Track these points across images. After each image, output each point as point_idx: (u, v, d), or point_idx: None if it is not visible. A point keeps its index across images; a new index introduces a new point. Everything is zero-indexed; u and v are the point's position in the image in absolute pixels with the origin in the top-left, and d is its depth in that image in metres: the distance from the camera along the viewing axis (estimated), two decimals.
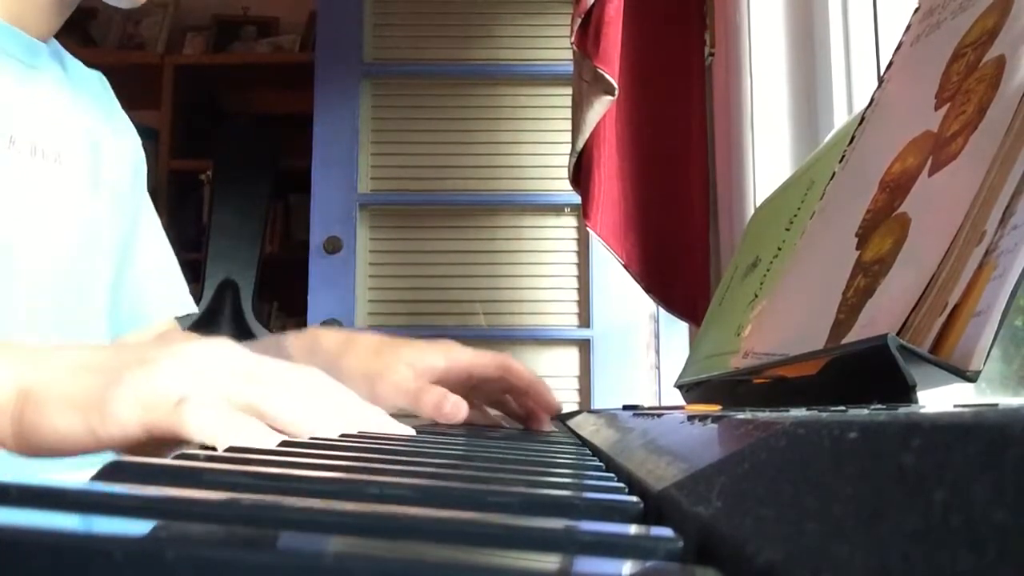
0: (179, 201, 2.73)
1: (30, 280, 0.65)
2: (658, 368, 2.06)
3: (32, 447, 0.41)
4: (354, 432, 0.42)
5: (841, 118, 1.10)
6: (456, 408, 0.64)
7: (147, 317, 0.82)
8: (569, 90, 1.38)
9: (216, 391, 0.40)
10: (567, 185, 1.39)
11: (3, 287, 0.63)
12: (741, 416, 0.25)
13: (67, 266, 0.69)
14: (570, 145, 1.32)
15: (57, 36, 0.76)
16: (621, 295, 1.99)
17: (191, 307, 0.88)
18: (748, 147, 1.22)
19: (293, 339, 0.74)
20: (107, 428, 0.39)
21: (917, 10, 0.53)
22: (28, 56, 0.70)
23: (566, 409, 1.59)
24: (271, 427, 0.40)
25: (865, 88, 1.08)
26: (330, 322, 2.07)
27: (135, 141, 0.84)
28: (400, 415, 0.51)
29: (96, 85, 0.82)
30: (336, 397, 0.45)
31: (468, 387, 0.69)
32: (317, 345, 0.72)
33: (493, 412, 0.75)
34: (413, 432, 0.46)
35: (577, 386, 2.09)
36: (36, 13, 0.70)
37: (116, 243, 0.78)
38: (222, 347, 0.43)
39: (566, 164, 1.35)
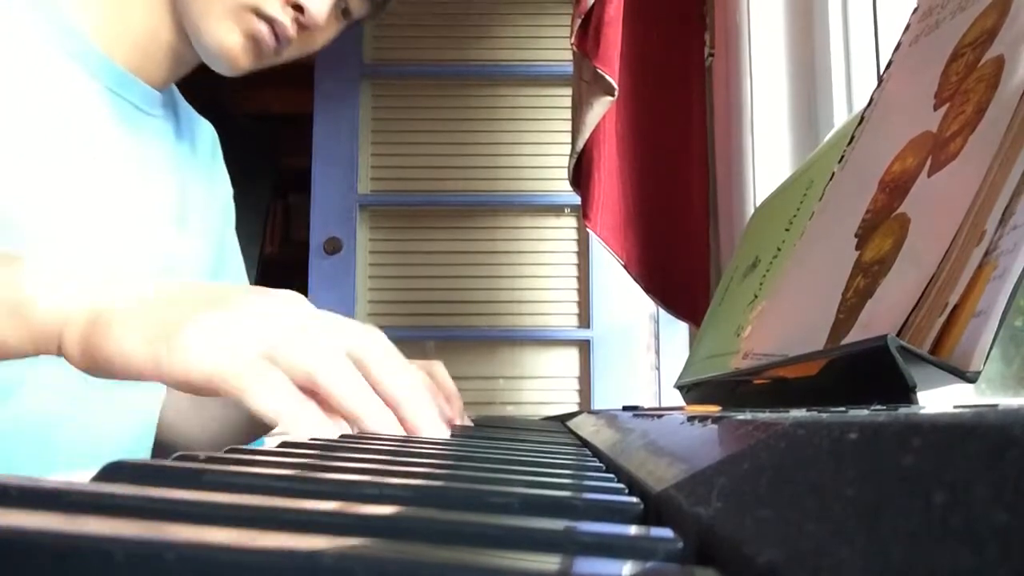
0: None
1: None
2: (658, 368, 2.06)
3: (97, 365, 0.42)
4: (396, 421, 0.43)
5: (841, 118, 1.10)
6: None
7: None
8: (569, 90, 1.38)
9: (284, 353, 0.40)
10: (567, 186, 1.39)
11: None
12: (741, 417, 0.25)
13: None
14: (570, 145, 1.32)
15: None
16: (621, 295, 1.99)
17: None
18: (748, 147, 1.22)
19: None
20: (172, 366, 0.40)
21: (916, 10, 0.53)
22: (142, 102, 0.76)
23: (566, 409, 1.59)
24: (329, 410, 0.40)
25: (865, 88, 1.08)
26: None
27: (228, 192, 0.91)
28: None
29: (204, 134, 0.89)
30: (398, 372, 0.45)
31: None
32: None
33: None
34: (448, 432, 0.47)
35: (577, 386, 2.09)
36: (154, 66, 0.76)
37: (197, 278, 0.82)
38: (293, 304, 0.44)
39: (566, 164, 1.35)
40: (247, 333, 0.41)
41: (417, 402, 0.45)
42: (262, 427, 0.75)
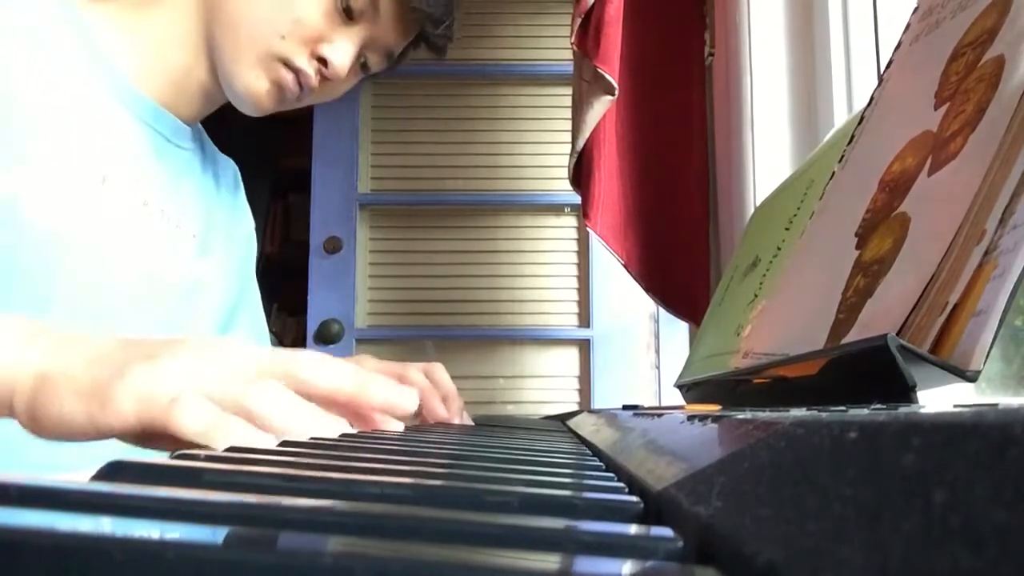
0: None
1: (133, 321, 0.73)
2: (658, 368, 2.06)
3: (42, 428, 0.44)
4: (346, 432, 0.43)
5: (841, 118, 1.10)
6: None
7: None
8: (569, 90, 1.38)
9: (210, 390, 0.42)
10: (567, 185, 1.39)
11: (108, 322, 0.70)
12: (741, 416, 0.25)
13: (168, 316, 0.78)
14: (570, 145, 1.32)
15: None
16: (621, 295, 1.99)
17: None
18: (748, 147, 1.22)
19: None
20: (105, 417, 0.42)
21: (916, 10, 0.53)
22: (172, 134, 0.81)
23: (566, 409, 1.60)
24: (260, 427, 0.41)
25: (865, 88, 1.08)
26: (330, 322, 2.07)
27: (250, 226, 0.96)
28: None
29: (227, 170, 0.94)
30: (330, 382, 0.47)
31: None
32: None
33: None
34: (400, 428, 0.48)
35: (577, 386, 2.09)
36: (185, 102, 0.82)
37: (219, 308, 0.87)
38: (225, 347, 0.46)
39: (566, 164, 1.35)
40: (173, 378, 0.42)
41: (372, 389, 0.47)
42: None
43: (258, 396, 0.42)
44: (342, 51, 0.78)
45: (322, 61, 0.78)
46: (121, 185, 0.73)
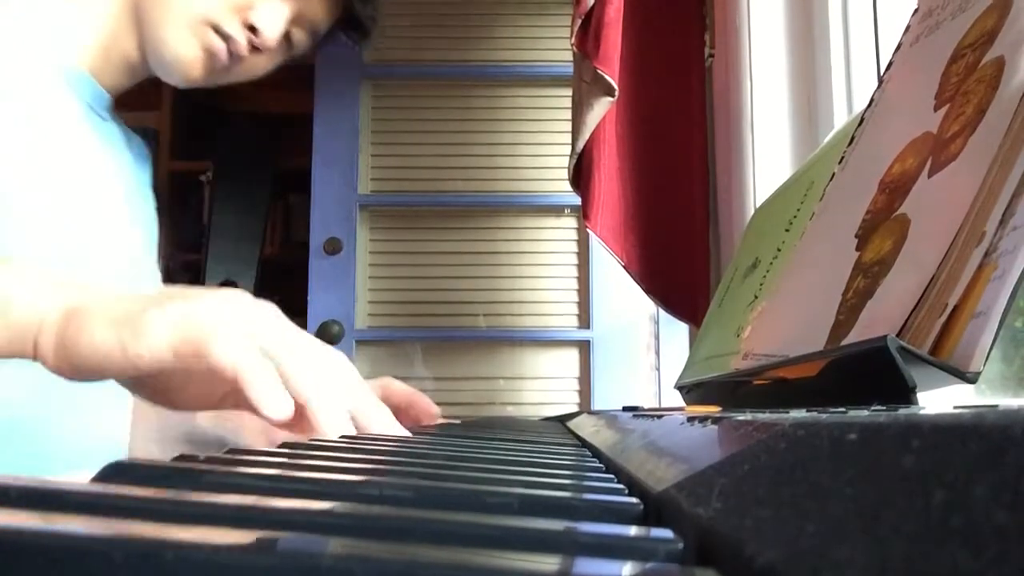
0: (179, 201, 2.73)
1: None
2: (658, 369, 2.06)
3: (70, 362, 0.43)
4: (349, 416, 0.43)
5: (841, 118, 1.10)
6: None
7: None
8: (569, 91, 1.38)
9: (246, 333, 0.42)
10: (567, 186, 1.39)
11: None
12: (741, 417, 0.25)
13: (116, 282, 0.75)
14: (570, 146, 1.32)
15: None
16: (621, 296, 1.99)
17: None
18: (748, 147, 1.22)
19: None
20: (136, 345, 0.42)
21: (916, 11, 0.53)
22: (96, 104, 0.79)
23: (566, 410, 1.60)
24: (288, 384, 0.42)
25: (865, 88, 1.08)
26: (330, 323, 2.07)
27: (153, 207, 0.93)
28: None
29: (142, 150, 0.91)
30: (350, 379, 0.47)
31: None
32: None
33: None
34: (404, 431, 0.48)
35: (577, 387, 2.09)
36: (112, 71, 0.80)
37: (149, 276, 0.85)
38: (258, 302, 0.46)
39: (566, 165, 1.35)
40: (207, 312, 0.43)
41: (368, 413, 0.47)
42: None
43: (291, 354, 0.42)
44: (272, 19, 0.78)
45: (252, 29, 0.78)
46: (59, 153, 0.72)
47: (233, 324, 0.42)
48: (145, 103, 2.61)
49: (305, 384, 0.42)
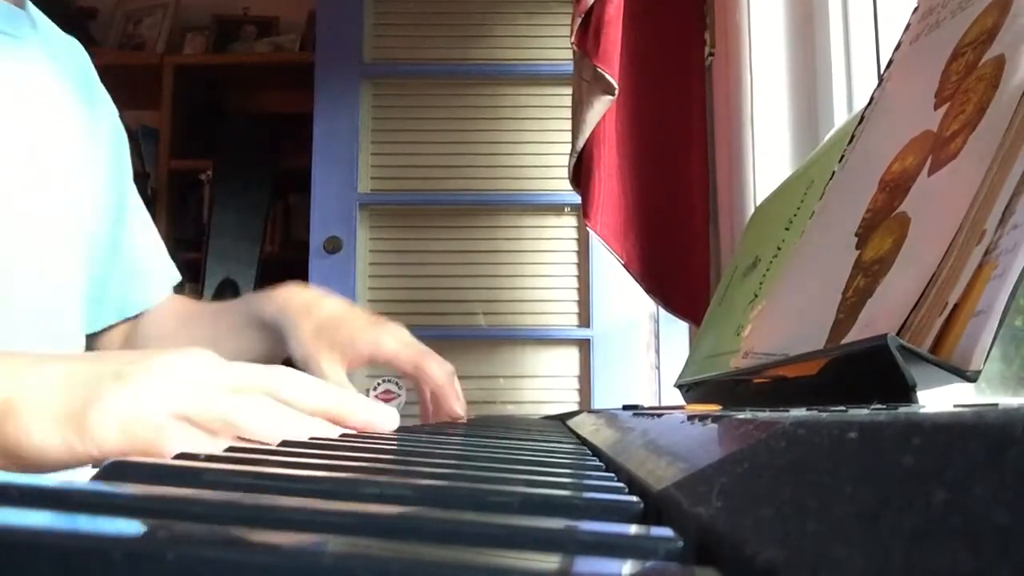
0: (179, 201, 2.73)
1: (7, 262, 0.64)
2: (658, 368, 2.06)
3: (13, 461, 0.41)
4: (337, 434, 0.43)
5: (841, 118, 1.10)
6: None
7: (148, 298, 0.84)
8: (569, 90, 1.38)
9: (193, 409, 0.40)
10: (567, 185, 1.39)
11: None
12: (741, 416, 0.25)
13: (48, 250, 0.68)
14: (570, 145, 1.32)
15: None
16: (621, 295, 1.99)
17: (178, 276, 0.90)
18: (748, 147, 1.22)
19: (268, 299, 0.78)
20: (86, 446, 0.40)
21: (916, 10, 0.53)
22: (8, 25, 0.68)
23: (566, 409, 1.60)
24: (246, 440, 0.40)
25: (865, 88, 1.08)
26: None
27: (113, 112, 0.83)
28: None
29: (75, 53, 0.79)
30: (310, 397, 0.45)
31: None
32: (285, 306, 0.77)
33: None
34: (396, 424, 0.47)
35: (577, 386, 2.09)
36: None
37: (101, 224, 0.77)
38: (197, 360, 0.43)
39: (566, 164, 1.35)
40: (153, 400, 0.40)
41: (353, 409, 0.46)
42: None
43: (245, 410, 0.40)
44: None
45: None
46: None
47: (177, 405, 0.40)
48: (145, 103, 2.62)
49: (272, 436, 0.41)
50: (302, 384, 0.45)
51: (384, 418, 0.46)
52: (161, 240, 0.90)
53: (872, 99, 0.54)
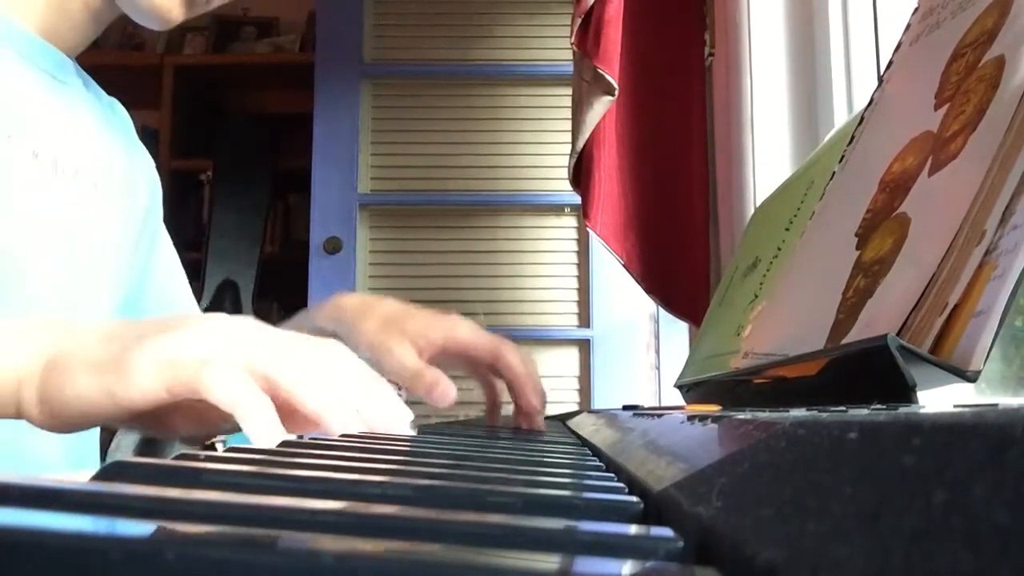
0: (179, 201, 2.73)
1: (35, 293, 0.65)
2: (658, 368, 2.06)
3: (56, 414, 0.41)
4: (358, 414, 0.43)
5: (841, 118, 1.10)
6: (442, 394, 0.65)
7: None
8: (569, 90, 1.38)
9: (236, 358, 0.40)
10: (567, 185, 1.39)
11: (8, 298, 0.63)
12: (741, 416, 0.25)
13: (73, 285, 0.69)
14: (570, 145, 1.32)
15: None
16: (621, 295, 1.99)
17: None
18: (748, 147, 1.22)
19: (319, 310, 0.76)
20: (126, 389, 0.39)
21: (916, 10, 0.53)
22: (58, 71, 0.70)
23: (566, 409, 1.60)
24: (285, 399, 0.40)
25: (865, 88, 1.08)
26: None
27: (151, 168, 0.86)
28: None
29: (116, 109, 0.82)
30: (350, 374, 0.45)
31: (465, 364, 0.70)
32: (339, 312, 0.74)
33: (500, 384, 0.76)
34: (411, 417, 0.47)
35: (577, 386, 2.09)
36: (70, 27, 0.70)
37: (124, 267, 0.78)
38: (242, 320, 0.44)
39: (566, 164, 1.35)
40: (194, 345, 0.40)
41: (371, 407, 0.45)
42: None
43: (284, 369, 0.40)
44: None
45: None
46: (7, 137, 0.64)
47: (220, 354, 0.40)
48: (145, 103, 2.61)
49: (310, 400, 0.41)
50: (341, 363, 0.45)
51: (396, 423, 0.45)
52: (190, 297, 0.90)
53: (872, 100, 0.54)
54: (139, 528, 0.13)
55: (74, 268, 0.69)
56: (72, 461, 0.68)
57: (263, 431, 0.39)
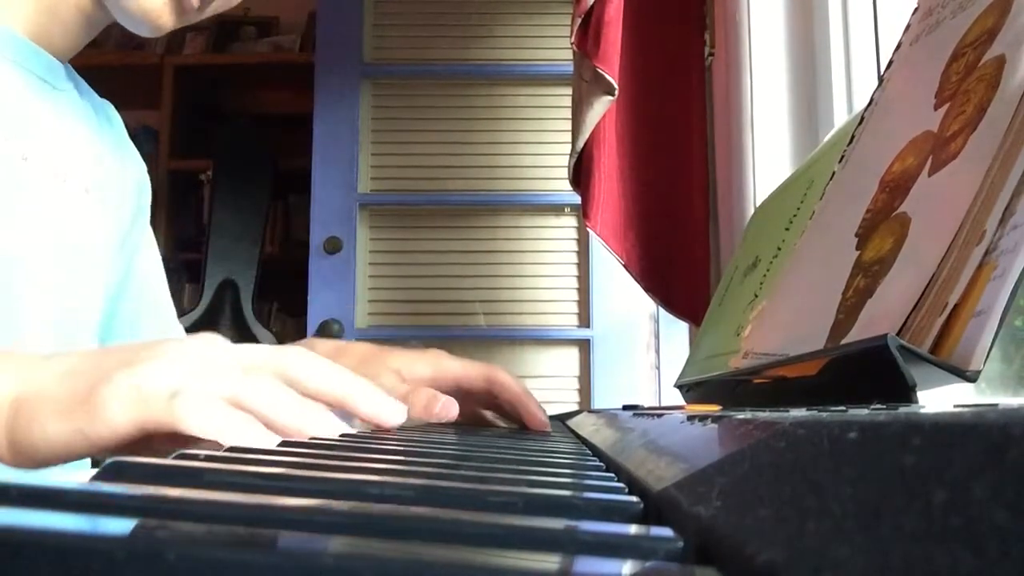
0: (179, 201, 2.73)
1: (31, 299, 0.65)
2: (658, 368, 2.06)
3: (26, 457, 0.41)
4: (346, 432, 0.43)
5: (841, 118, 1.10)
6: (446, 408, 0.63)
7: (158, 324, 0.83)
8: (569, 90, 1.38)
9: (205, 386, 0.39)
10: (567, 185, 1.39)
11: (4, 304, 0.62)
12: (741, 416, 0.25)
13: (67, 290, 0.69)
14: (570, 145, 1.32)
15: None
16: (621, 295, 1.99)
17: (180, 328, 0.88)
18: (748, 147, 1.22)
19: None
20: (96, 428, 0.39)
21: (916, 10, 0.53)
22: (49, 75, 0.70)
23: (566, 409, 1.60)
24: (263, 423, 0.40)
25: (865, 88, 1.08)
26: (330, 322, 2.07)
27: (141, 170, 0.85)
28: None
29: (108, 112, 0.82)
30: (327, 376, 0.45)
31: (457, 397, 0.68)
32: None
33: (488, 414, 0.75)
34: (404, 410, 0.47)
35: (577, 386, 2.09)
36: (62, 31, 0.69)
37: (113, 265, 0.77)
38: (206, 342, 0.43)
39: (566, 164, 1.35)
40: (162, 377, 0.39)
41: (360, 392, 0.45)
42: None
43: (256, 392, 0.40)
44: None
45: None
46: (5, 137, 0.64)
47: (189, 383, 0.39)
48: (145, 103, 2.61)
49: (280, 420, 0.40)
50: (315, 365, 0.44)
51: (391, 413, 0.46)
52: (170, 304, 0.88)
53: (872, 100, 0.54)
54: (139, 528, 0.13)
55: (68, 273, 0.69)
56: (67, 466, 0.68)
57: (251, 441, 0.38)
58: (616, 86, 1.21)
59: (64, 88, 0.73)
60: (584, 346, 2.08)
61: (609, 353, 2.06)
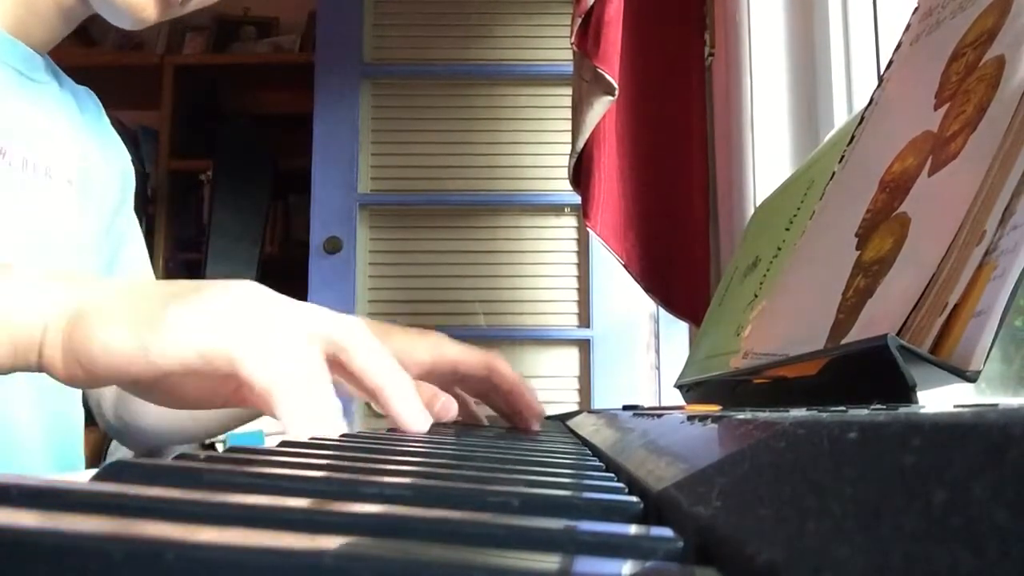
0: (179, 201, 2.73)
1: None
2: (658, 368, 2.06)
3: (83, 370, 0.40)
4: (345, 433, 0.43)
5: (841, 118, 1.10)
6: (445, 408, 0.64)
7: None
8: (569, 90, 1.38)
9: (268, 343, 0.39)
10: (567, 185, 1.39)
11: None
12: (741, 416, 0.25)
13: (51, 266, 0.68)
14: (570, 145, 1.32)
15: None
16: (621, 295, 1.99)
17: None
18: (748, 147, 1.22)
19: None
20: (162, 347, 0.38)
21: (916, 10, 0.53)
22: (26, 68, 0.70)
23: (566, 409, 1.60)
24: (343, 377, 0.40)
25: (865, 88, 1.08)
26: None
27: (124, 158, 0.84)
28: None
29: (88, 101, 0.81)
30: (371, 358, 0.45)
31: (454, 381, 0.68)
32: None
33: (484, 413, 0.75)
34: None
35: (577, 386, 2.09)
36: (39, 24, 0.69)
37: (98, 256, 0.77)
38: (271, 294, 0.43)
39: (566, 164, 1.35)
40: (230, 314, 0.39)
41: (399, 390, 0.45)
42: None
43: (298, 375, 0.39)
44: None
45: None
46: None
47: (259, 328, 0.39)
48: (145, 103, 2.62)
49: (300, 417, 0.39)
50: (369, 346, 0.44)
51: (416, 421, 0.45)
52: (154, 278, 0.87)
53: (872, 99, 0.54)
54: (139, 528, 0.13)
55: (53, 266, 0.68)
56: (58, 469, 0.67)
57: (297, 417, 0.38)
58: (616, 86, 1.21)
59: (44, 80, 0.72)
60: (584, 346, 2.08)
61: (609, 353, 2.06)
